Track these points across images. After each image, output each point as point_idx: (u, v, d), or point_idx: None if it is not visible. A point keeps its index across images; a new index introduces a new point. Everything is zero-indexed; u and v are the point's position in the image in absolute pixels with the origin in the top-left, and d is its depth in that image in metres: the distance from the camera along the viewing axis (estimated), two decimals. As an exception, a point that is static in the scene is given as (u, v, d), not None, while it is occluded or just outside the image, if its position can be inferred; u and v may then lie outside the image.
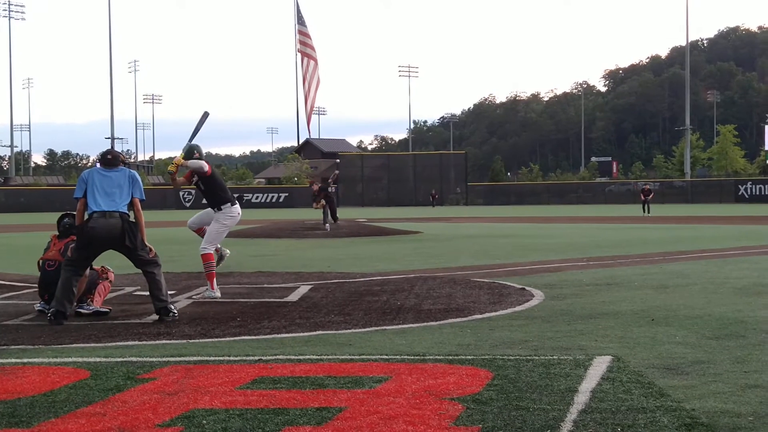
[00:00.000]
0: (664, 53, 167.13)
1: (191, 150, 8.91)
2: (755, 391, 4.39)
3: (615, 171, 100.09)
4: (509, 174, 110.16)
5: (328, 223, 22.57)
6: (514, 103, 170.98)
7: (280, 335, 6.38)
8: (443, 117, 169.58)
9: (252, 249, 15.84)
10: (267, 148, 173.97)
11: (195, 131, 9.08)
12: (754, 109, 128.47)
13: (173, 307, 7.33)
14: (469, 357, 5.35)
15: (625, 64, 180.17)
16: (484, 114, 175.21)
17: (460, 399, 4.24)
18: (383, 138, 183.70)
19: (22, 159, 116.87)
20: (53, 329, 6.77)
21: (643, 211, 35.54)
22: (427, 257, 14.10)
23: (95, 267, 7.88)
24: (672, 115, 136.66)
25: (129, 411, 4.09)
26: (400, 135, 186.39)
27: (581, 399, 4.22)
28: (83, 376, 4.92)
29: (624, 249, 15.31)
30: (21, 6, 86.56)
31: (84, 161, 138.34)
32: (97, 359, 5.47)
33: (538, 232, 22.54)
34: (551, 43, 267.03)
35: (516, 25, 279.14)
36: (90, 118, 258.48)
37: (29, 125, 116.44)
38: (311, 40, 64.95)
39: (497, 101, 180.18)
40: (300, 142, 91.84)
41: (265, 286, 9.68)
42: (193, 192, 55.56)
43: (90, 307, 7.51)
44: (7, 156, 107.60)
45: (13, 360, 5.51)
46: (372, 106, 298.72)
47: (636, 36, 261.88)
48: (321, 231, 21.99)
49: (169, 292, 8.17)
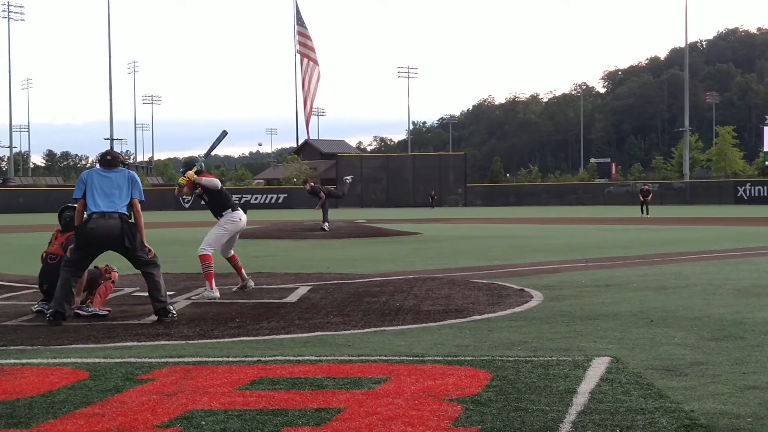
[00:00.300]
0: (663, 54, 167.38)
1: (192, 163, 9.06)
2: (754, 393, 4.39)
3: (614, 172, 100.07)
4: (508, 175, 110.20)
5: (327, 223, 22.55)
6: (513, 105, 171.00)
7: (279, 336, 6.38)
8: (442, 118, 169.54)
9: (251, 250, 15.84)
10: (266, 148, 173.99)
11: (211, 148, 9.19)
12: (753, 111, 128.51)
13: (172, 308, 7.33)
14: (468, 358, 5.35)
15: (624, 65, 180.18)
16: (483, 115, 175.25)
17: (459, 400, 4.24)
18: (382, 139, 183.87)
19: (21, 160, 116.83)
20: (52, 330, 6.77)
21: (642, 213, 35.44)
22: (426, 258, 14.11)
23: (99, 266, 7.86)
24: (671, 117, 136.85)
25: (128, 412, 4.09)
26: (399, 136, 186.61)
27: (580, 400, 4.23)
28: (82, 376, 4.92)
29: (623, 250, 15.31)
30: (20, 7, 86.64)
31: (83, 162, 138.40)
32: (96, 360, 5.47)
33: (537, 233, 22.54)
34: (550, 45, 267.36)
35: (515, 27, 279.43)
36: (89, 118, 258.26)
37: (28, 126, 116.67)
38: (311, 41, 65.00)
39: (496, 102, 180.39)
40: (299, 143, 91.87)
41: (264, 287, 9.68)
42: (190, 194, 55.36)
43: (89, 309, 7.49)
44: (6, 157, 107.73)
45: (12, 360, 5.51)
46: (371, 107, 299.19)
47: (635, 37, 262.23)
48: (320, 232, 21.94)
49: (168, 292, 8.17)
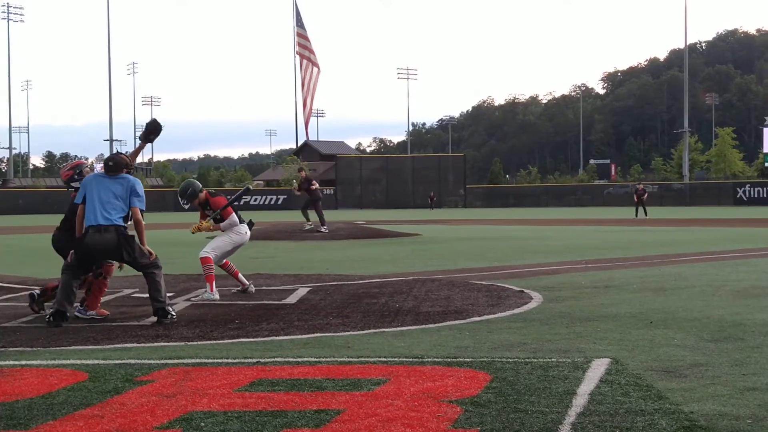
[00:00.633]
0: (662, 56, 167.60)
1: (188, 188, 9.05)
2: (753, 394, 4.39)
3: (613, 173, 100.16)
4: (508, 176, 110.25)
5: (324, 225, 22.51)
6: (512, 106, 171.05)
7: (278, 337, 6.38)
8: (442, 119, 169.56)
9: (250, 251, 15.82)
10: (266, 150, 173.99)
11: (234, 200, 9.25)
12: (752, 112, 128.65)
13: (171, 309, 7.33)
14: (468, 359, 5.35)
15: (624, 66, 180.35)
16: (482, 116, 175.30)
17: (458, 401, 4.24)
18: (382, 140, 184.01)
19: (20, 161, 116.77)
20: (51, 331, 6.77)
21: (636, 214, 34.93)
22: (426, 259, 14.11)
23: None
24: (670, 118, 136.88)
25: (127, 413, 4.09)
26: (398, 137, 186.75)
27: (579, 402, 4.22)
28: (81, 378, 4.92)
29: (622, 251, 15.32)
30: (20, 8, 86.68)
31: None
32: (96, 361, 5.47)
33: (536, 234, 22.54)
34: (550, 46, 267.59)
35: (514, 28, 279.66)
36: (89, 120, 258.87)
37: (28, 127, 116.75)
38: (310, 42, 64.95)
39: (496, 104, 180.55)
40: (299, 144, 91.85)
41: (264, 288, 9.68)
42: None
43: (89, 313, 7.51)
44: (6, 158, 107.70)
45: (12, 362, 5.51)
46: (371, 108, 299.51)
47: (634, 39, 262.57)
48: (319, 233, 21.94)
49: (168, 294, 8.16)
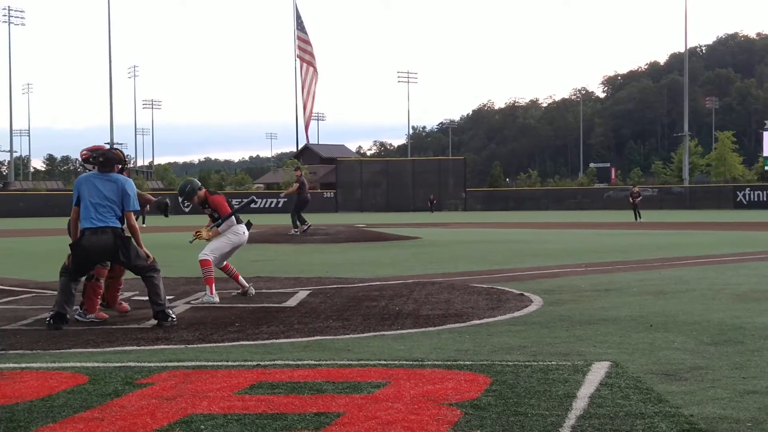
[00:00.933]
0: (662, 60, 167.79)
1: (187, 186, 9.18)
2: (754, 397, 4.39)
3: (613, 177, 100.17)
4: (508, 180, 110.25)
5: (296, 229, 22.43)
6: (512, 109, 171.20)
7: (278, 340, 6.38)
8: (442, 123, 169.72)
9: (250, 254, 15.81)
10: (266, 153, 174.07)
11: (235, 212, 9.26)
12: (752, 116, 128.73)
13: (171, 312, 7.33)
14: (468, 362, 5.35)
15: (624, 70, 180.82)
16: (482, 120, 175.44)
17: (458, 404, 4.24)
18: (382, 144, 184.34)
19: (21, 164, 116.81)
20: (51, 334, 6.77)
21: (635, 218, 34.99)
22: (426, 263, 14.10)
23: None
24: (670, 122, 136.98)
25: (127, 416, 4.09)
26: (399, 141, 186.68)
27: (580, 405, 4.22)
28: (81, 381, 4.91)
29: (622, 255, 15.31)
30: (21, 11, 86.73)
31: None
32: (96, 364, 5.46)
33: (536, 237, 22.54)
34: (550, 50, 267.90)
35: (515, 32, 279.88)
36: (89, 123, 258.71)
37: (29, 130, 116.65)
38: (311, 46, 65.05)
39: (496, 107, 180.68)
40: (299, 147, 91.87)
41: (264, 291, 9.67)
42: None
43: (89, 316, 7.51)
44: (7, 161, 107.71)
45: (12, 365, 5.51)
46: (371, 111, 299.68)
47: (635, 42, 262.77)
48: (319, 236, 21.87)
49: (168, 297, 8.16)
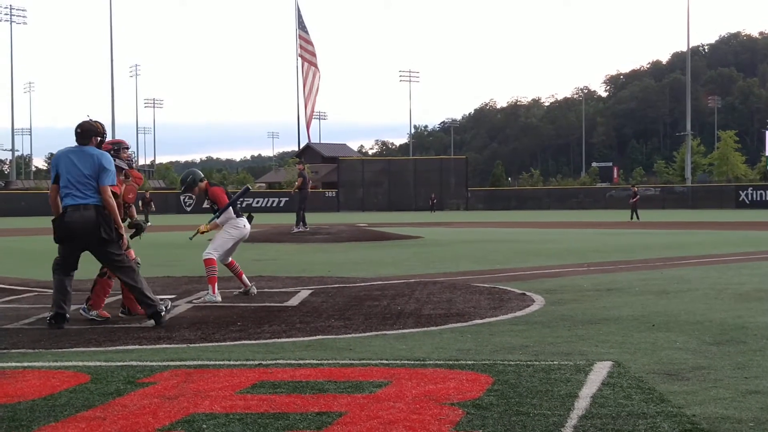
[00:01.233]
0: (665, 59, 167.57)
1: (188, 176, 9.18)
2: (756, 397, 4.39)
3: (616, 176, 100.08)
4: (510, 179, 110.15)
5: (298, 227, 22.43)
6: (514, 108, 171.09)
7: (280, 340, 6.38)
8: (444, 122, 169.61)
9: (252, 253, 15.82)
10: (268, 152, 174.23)
11: (233, 201, 9.25)
12: (755, 115, 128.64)
13: (163, 306, 7.28)
14: (470, 362, 5.34)
15: (626, 69, 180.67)
16: (484, 119, 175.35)
17: (460, 404, 4.23)
18: (384, 143, 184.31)
19: (23, 163, 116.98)
20: (53, 333, 6.77)
21: (637, 217, 34.99)
22: (428, 262, 14.10)
23: None
24: (673, 121, 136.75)
25: (129, 415, 4.09)
26: (400, 140, 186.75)
27: (582, 404, 4.22)
28: (83, 380, 4.91)
29: (625, 254, 15.31)
30: (22, 10, 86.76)
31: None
32: (98, 363, 5.47)
33: (538, 237, 22.53)
34: (552, 49, 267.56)
35: (517, 30, 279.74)
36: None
37: (30, 129, 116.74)
38: (312, 46, 64.94)
39: (498, 106, 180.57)
40: (301, 146, 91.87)
41: (266, 290, 9.68)
42: (194, 197, 55.37)
43: (92, 313, 7.51)
44: (8, 160, 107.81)
45: (14, 364, 5.51)
46: (373, 110, 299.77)
47: (637, 41, 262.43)
48: (321, 235, 21.84)
49: (169, 296, 8.19)
